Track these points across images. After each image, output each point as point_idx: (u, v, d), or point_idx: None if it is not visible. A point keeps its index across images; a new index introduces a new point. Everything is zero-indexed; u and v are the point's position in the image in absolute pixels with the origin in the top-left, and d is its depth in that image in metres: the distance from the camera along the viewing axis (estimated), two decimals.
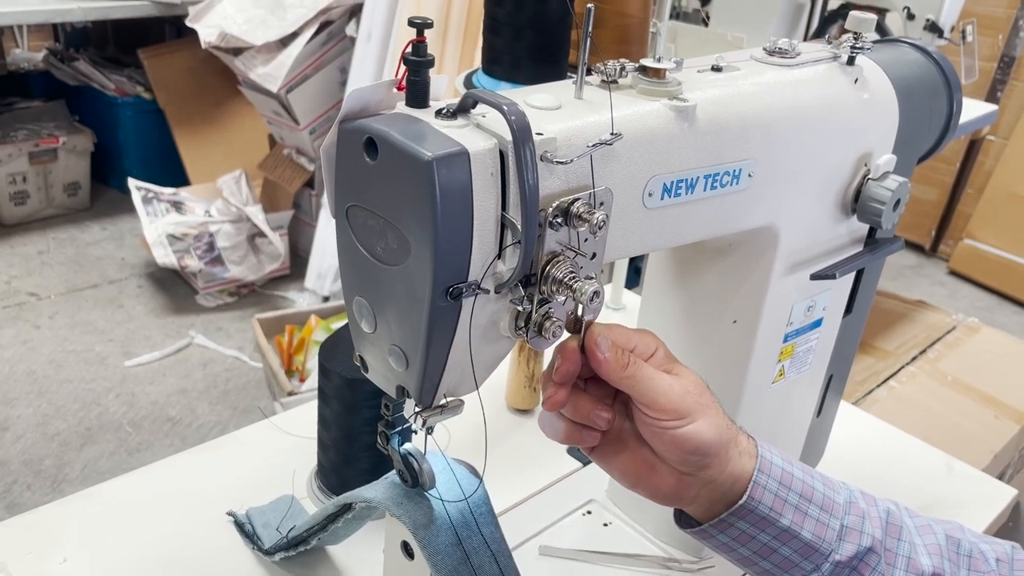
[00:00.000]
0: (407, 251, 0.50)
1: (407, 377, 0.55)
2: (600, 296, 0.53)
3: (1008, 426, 1.72)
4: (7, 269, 2.99)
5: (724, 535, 0.58)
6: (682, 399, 0.56)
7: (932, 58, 0.82)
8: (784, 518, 0.57)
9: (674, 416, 0.55)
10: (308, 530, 0.76)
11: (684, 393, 0.56)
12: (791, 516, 0.57)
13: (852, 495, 0.60)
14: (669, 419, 0.55)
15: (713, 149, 0.60)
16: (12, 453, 2.16)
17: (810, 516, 0.57)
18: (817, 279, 0.75)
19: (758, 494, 0.56)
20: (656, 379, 0.56)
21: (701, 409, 0.56)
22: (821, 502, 0.58)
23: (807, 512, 0.57)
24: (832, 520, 0.58)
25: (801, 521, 0.57)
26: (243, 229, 2.86)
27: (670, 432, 0.56)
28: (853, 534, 0.58)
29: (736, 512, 0.57)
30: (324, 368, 0.83)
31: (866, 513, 0.59)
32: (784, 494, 0.57)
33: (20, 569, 0.77)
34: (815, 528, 0.57)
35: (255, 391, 2.47)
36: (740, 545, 0.58)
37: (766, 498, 0.57)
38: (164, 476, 0.92)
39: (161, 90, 3.32)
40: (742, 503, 0.56)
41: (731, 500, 0.57)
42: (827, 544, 0.57)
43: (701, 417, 0.56)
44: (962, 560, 0.60)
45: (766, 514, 0.57)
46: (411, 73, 0.50)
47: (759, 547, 0.58)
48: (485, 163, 0.48)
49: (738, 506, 0.56)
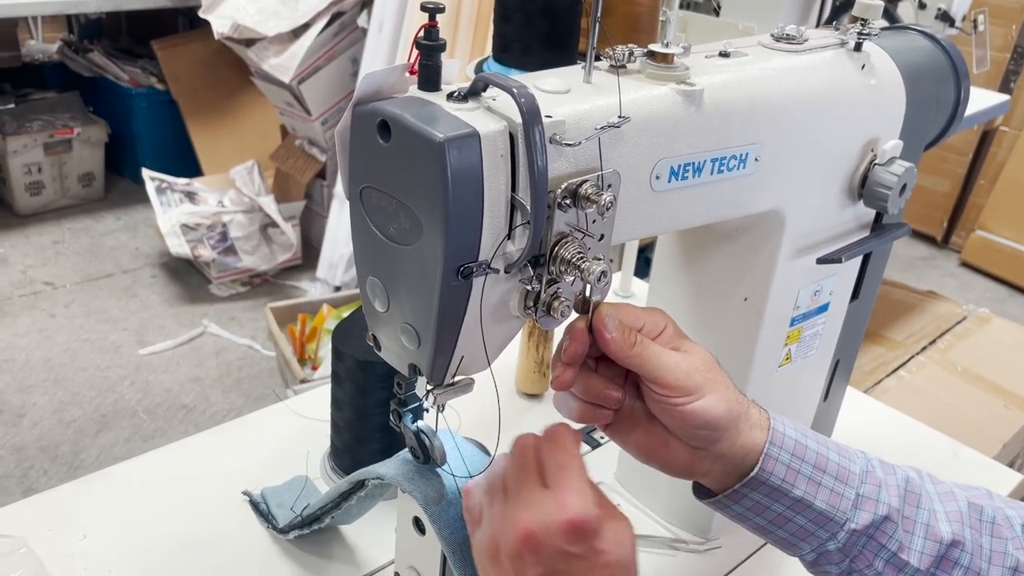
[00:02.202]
0: (419, 231, 0.51)
1: (419, 355, 0.56)
2: (607, 276, 0.54)
3: (1017, 416, 1.72)
4: (23, 259, 3.03)
5: (739, 505, 0.59)
6: (689, 376, 0.57)
7: (940, 45, 0.83)
8: (797, 488, 0.58)
9: (682, 393, 0.56)
10: (322, 508, 0.78)
11: (692, 370, 0.57)
12: (804, 486, 0.58)
13: (870, 463, 0.60)
14: (678, 396, 0.56)
15: (720, 133, 0.61)
16: (29, 439, 2.19)
17: (824, 486, 0.58)
18: (823, 263, 0.76)
19: (770, 466, 0.57)
20: (663, 357, 0.57)
21: (709, 385, 0.57)
22: (836, 472, 0.58)
23: (820, 482, 0.58)
24: (847, 489, 0.58)
25: (815, 491, 0.58)
26: (255, 219, 2.89)
27: (679, 409, 0.57)
28: (869, 503, 0.58)
29: (749, 483, 0.58)
30: (337, 350, 0.85)
31: (883, 482, 0.59)
32: (797, 465, 0.58)
33: (41, 545, 0.79)
34: (829, 498, 0.58)
35: (268, 379, 2.49)
36: (755, 515, 0.59)
37: (778, 469, 0.58)
38: (181, 457, 0.94)
39: (174, 81, 3.34)
40: (754, 475, 0.57)
41: (744, 472, 0.58)
42: (842, 513, 0.58)
43: (709, 393, 0.57)
44: (984, 526, 0.60)
45: (778, 485, 0.58)
46: (423, 57, 0.51)
47: (774, 516, 0.59)
48: (495, 145, 0.49)
49: (750, 478, 0.58)
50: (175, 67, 3.34)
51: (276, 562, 0.82)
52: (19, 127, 3.22)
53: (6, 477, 2.07)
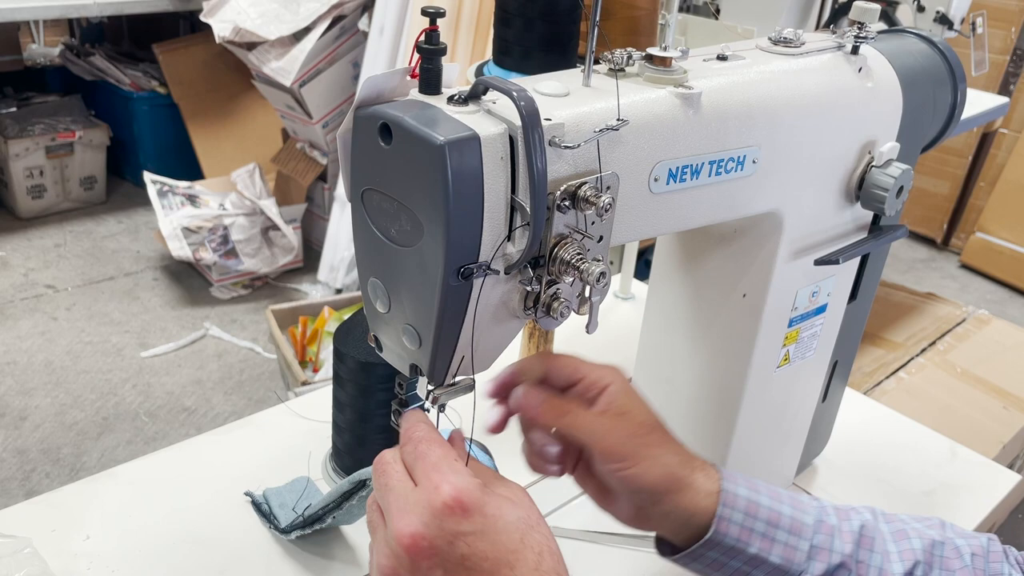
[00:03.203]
0: (420, 233, 0.52)
1: (420, 356, 0.57)
2: (606, 277, 0.54)
3: (1017, 417, 1.73)
4: (25, 262, 3.03)
5: (697, 563, 0.60)
6: (623, 443, 0.57)
7: (937, 48, 0.83)
8: (752, 547, 0.59)
9: (615, 460, 0.57)
10: (323, 508, 0.79)
11: (627, 436, 0.58)
12: (758, 544, 0.59)
13: (823, 511, 0.61)
14: (612, 462, 0.57)
15: (718, 136, 0.62)
16: (31, 442, 2.20)
17: (778, 541, 0.59)
18: (821, 264, 0.77)
19: (724, 527, 0.58)
20: (595, 424, 0.58)
21: (645, 451, 0.57)
22: (789, 526, 0.59)
23: (775, 538, 0.59)
24: (801, 542, 0.59)
25: (769, 547, 0.59)
26: (257, 222, 2.89)
27: (615, 475, 0.58)
28: (823, 553, 0.59)
29: (704, 544, 0.59)
30: (339, 351, 0.85)
31: (837, 529, 0.61)
32: (750, 524, 0.59)
33: (45, 546, 0.80)
34: (783, 552, 0.59)
35: (269, 382, 2.50)
36: (714, 571, 0.60)
37: (732, 530, 0.58)
38: (183, 458, 0.95)
39: (176, 85, 3.35)
40: (708, 537, 0.58)
41: (695, 530, 0.59)
42: (797, 566, 0.59)
43: (645, 460, 0.57)
44: (935, 560, 0.61)
45: (733, 544, 0.58)
46: (424, 61, 0.52)
47: (732, 572, 0.60)
48: (495, 147, 0.50)
49: (705, 540, 0.58)
50: (176, 71, 3.35)
51: (278, 562, 0.82)
52: (21, 131, 3.22)
53: (8, 480, 2.07)
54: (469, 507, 0.48)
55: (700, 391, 0.84)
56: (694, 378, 0.84)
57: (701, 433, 0.85)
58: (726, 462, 0.83)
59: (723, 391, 0.81)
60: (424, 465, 0.50)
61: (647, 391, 0.89)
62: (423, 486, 0.49)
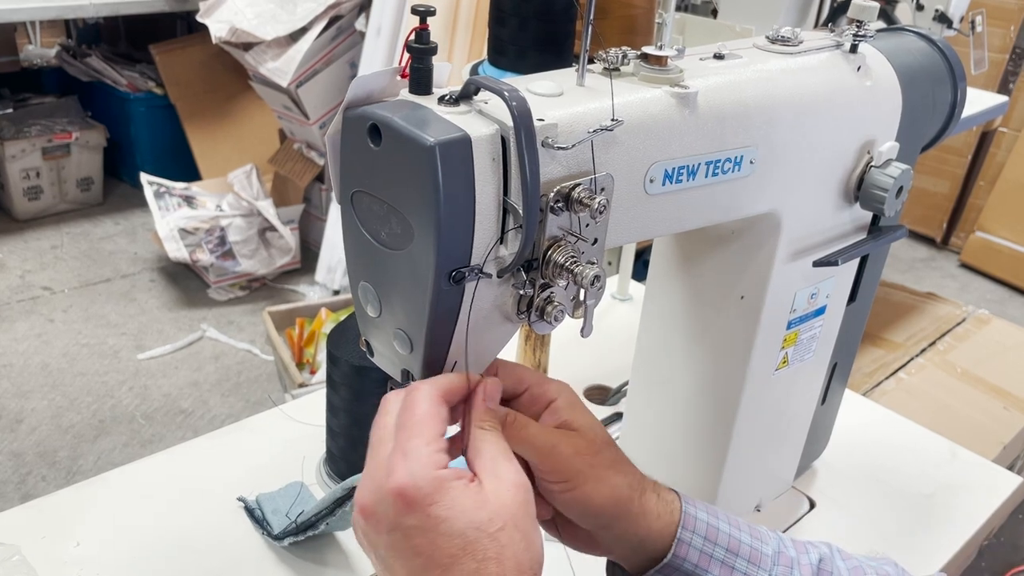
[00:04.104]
0: (411, 236, 0.51)
1: (412, 361, 0.56)
2: (601, 280, 0.53)
3: (1017, 417, 1.72)
4: (21, 263, 3.02)
5: None
6: (568, 461, 0.53)
7: (936, 46, 0.83)
8: (710, 573, 0.57)
9: (559, 479, 0.54)
10: (317, 515, 0.78)
11: (573, 454, 0.54)
12: (717, 571, 0.57)
13: (782, 543, 0.60)
14: (555, 481, 0.54)
15: (714, 136, 0.61)
16: (27, 445, 2.19)
17: (737, 569, 0.57)
18: (820, 266, 0.76)
19: (683, 551, 0.56)
20: (539, 439, 0.54)
21: (592, 471, 0.54)
22: (748, 555, 0.58)
23: (734, 566, 0.57)
24: (760, 572, 0.58)
25: (728, 575, 0.57)
26: (254, 223, 2.88)
27: (558, 496, 0.54)
28: None
29: (662, 569, 0.57)
30: (332, 356, 0.85)
31: (796, 561, 0.59)
32: (710, 549, 0.57)
33: (35, 553, 0.79)
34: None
35: (266, 383, 2.49)
36: None
37: (691, 554, 0.56)
38: (175, 463, 0.94)
39: (172, 85, 3.34)
40: (667, 561, 0.56)
41: (650, 554, 0.57)
42: None
43: (591, 481, 0.54)
44: None
45: (691, 570, 0.56)
46: (414, 60, 0.51)
47: None
48: (487, 148, 0.49)
49: (663, 563, 0.56)
50: (173, 71, 3.34)
51: (271, 569, 0.81)
52: (17, 132, 3.22)
53: (4, 483, 2.06)
54: (412, 503, 0.46)
55: (698, 394, 0.83)
56: (692, 381, 0.83)
57: (699, 436, 0.84)
58: (724, 465, 0.82)
59: (721, 394, 0.80)
60: (400, 437, 0.49)
61: (645, 393, 0.89)
62: (386, 464, 0.48)
